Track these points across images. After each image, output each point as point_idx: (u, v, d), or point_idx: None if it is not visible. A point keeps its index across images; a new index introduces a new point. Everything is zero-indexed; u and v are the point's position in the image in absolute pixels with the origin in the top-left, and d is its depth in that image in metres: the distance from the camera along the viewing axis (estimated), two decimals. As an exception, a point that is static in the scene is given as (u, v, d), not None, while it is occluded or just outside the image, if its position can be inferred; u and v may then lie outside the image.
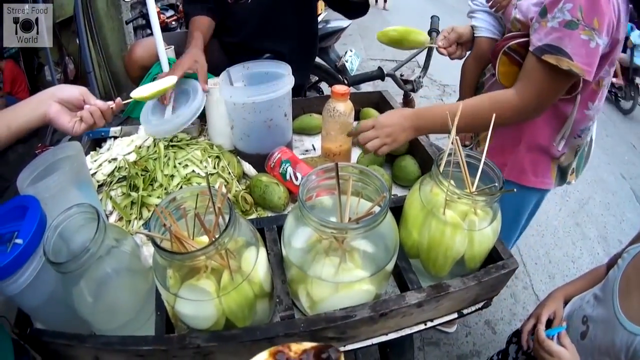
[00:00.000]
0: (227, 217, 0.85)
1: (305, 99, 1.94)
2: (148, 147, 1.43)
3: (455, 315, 1.14)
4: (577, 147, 1.58)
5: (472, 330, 2.69)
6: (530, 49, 1.29)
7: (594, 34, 1.19)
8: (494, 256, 1.12)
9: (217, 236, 0.82)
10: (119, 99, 1.19)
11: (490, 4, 1.80)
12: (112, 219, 1.32)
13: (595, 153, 1.73)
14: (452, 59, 1.89)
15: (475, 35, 1.94)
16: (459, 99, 2.01)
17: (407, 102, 2.77)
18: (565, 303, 1.44)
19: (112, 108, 1.17)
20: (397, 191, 1.53)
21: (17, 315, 0.96)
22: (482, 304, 1.17)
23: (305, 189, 0.95)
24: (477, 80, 1.97)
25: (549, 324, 1.36)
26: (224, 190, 1.18)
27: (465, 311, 1.15)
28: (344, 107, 1.48)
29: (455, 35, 1.85)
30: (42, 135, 4.34)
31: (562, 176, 1.69)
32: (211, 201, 0.86)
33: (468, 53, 1.99)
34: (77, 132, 1.10)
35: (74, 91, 1.11)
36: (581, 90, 1.40)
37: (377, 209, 0.89)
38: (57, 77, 4.50)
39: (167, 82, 1.34)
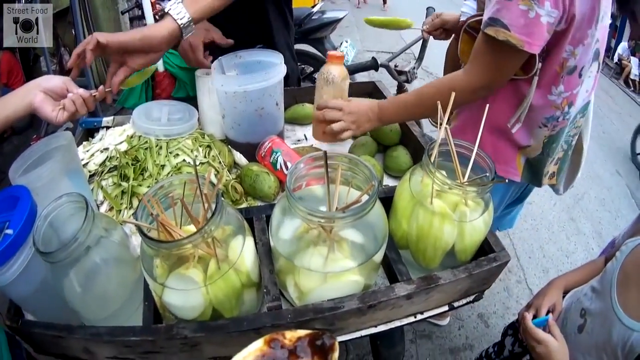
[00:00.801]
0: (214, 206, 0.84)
1: (298, 88, 1.94)
2: (139, 136, 1.42)
3: (446, 307, 1.13)
4: (544, 138, 1.50)
5: (465, 324, 2.70)
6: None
7: (533, 4, 1.15)
8: (485, 248, 1.11)
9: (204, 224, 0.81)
10: (101, 87, 1.20)
11: None
12: (103, 208, 1.31)
13: (591, 149, 1.72)
14: (435, 38, 1.91)
15: (460, 20, 1.96)
16: None
17: (401, 92, 2.77)
18: (565, 293, 1.43)
19: (94, 96, 1.17)
20: (389, 182, 1.52)
21: (8, 307, 0.96)
22: (473, 296, 1.16)
23: (293, 178, 0.94)
24: (459, 64, 1.98)
25: (548, 314, 1.36)
26: (213, 178, 1.18)
27: (456, 304, 1.14)
28: (339, 72, 1.46)
29: (440, 22, 1.88)
30: (37, 126, 4.36)
31: (535, 174, 1.61)
32: (199, 189, 0.86)
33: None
34: (60, 121, 1.11)
35: (57, 81, 1.12)
36: (541, 72, 1.35)
37: (365, 197, 0.88)
38: (53, 68, 4.50)
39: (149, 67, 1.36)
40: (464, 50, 1.48)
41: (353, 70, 2.61)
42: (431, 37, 2.24)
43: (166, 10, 1.18)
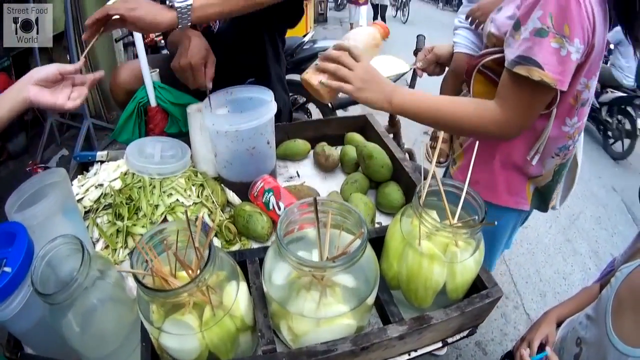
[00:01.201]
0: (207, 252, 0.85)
1: (290, 124, 1.94)
2: (133, 174, 1.42)
3: (440, 344, 1.13)
4: (555, 167, 1.51)
5: (462, 352, 2.69)
6: (505, 64, 1.24)
7: (565, 42, 1.14)
8: (478, 285, 1.11)
9: (197, 272, 0.82)
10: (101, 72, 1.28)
11: (469, 20, 1.80)
12: (99, 246, 1.32)
13: (586, 166, 1.74)
14: (430, 75, 1.88)
15: (454, 51, 1.95)
16: None
17: (394, 124, 2.78)
18: (559, 324, 1.43)
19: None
20: (381, 218, 1.52)
21: (7, 339, 0.98)
22: (467, 332, 1.16)
23: (284, 225, 0.94)
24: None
25: (542, 347, 1.35)
26: (207, 219, 1.18)
27: (449, 339, 1.14)
28: (371, 39, 1.38)
29: (434, 57, 1.83)
30: (33, 153, 4.37)
31: (543, 200, 1.63)
32: (191, 239, 0.86)
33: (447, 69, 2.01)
34: (70, 108, 1.17)
35: (50, 69, 1.15)
36: (557, 105, 1.33)
37: (356, 243, 0.89)
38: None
39: None
40: (479, 91, 1.44)
41: (345, 104, 2.61)
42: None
43: (176, 5, 1.23)
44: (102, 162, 1.64)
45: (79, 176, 1.56)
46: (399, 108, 1.32)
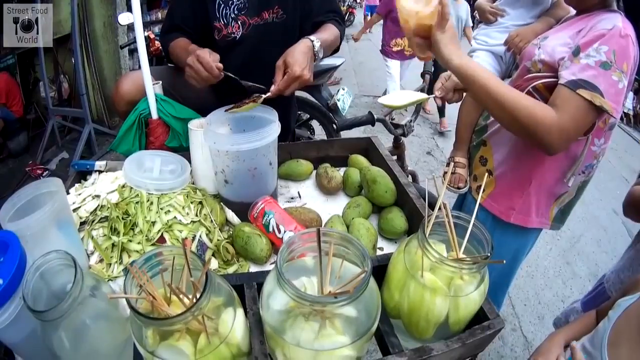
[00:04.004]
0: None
1: (293, 144, 1.92)
2: (131, 188, 1.40)
3: (438, 373, 1.11)
4: (580, 183, 1.68)
5: (458, 374, 2.65)
6: (561, 82, 1.38)
7: (623, 76, 1.33)
8: (480, 315, 1.09)
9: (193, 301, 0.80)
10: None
11: (507, 46, 1.83)
12: (94, 259, 1.29)
13: (588, 190, 1.78)
14: (449, 102, 1.87)
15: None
16: (456, 142, 2.03)
17: (397, 145, 2.75)
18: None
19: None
20: (384, 244, 1.50)
21: None
22: (466, 360, 1.14)
23: (285, 255, 0.92)
24: (475, 122, 1.97)
25: None
26: (204, 238, 1.16)
27: (448, 369, 1.12)
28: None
29: (452, 84, 1.83)
30: (34, 153, 4.37)
31: (561, 219, 1.79)
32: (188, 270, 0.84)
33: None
34: None
35: None
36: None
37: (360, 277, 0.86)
38: (52, 95, 4.52)
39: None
40: None
41: (350, 125, 2.59)
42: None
43: None
44: (100, 171, 1.61)
45: (76, 184, 1.55)
46: (468, 67, 1.35)
